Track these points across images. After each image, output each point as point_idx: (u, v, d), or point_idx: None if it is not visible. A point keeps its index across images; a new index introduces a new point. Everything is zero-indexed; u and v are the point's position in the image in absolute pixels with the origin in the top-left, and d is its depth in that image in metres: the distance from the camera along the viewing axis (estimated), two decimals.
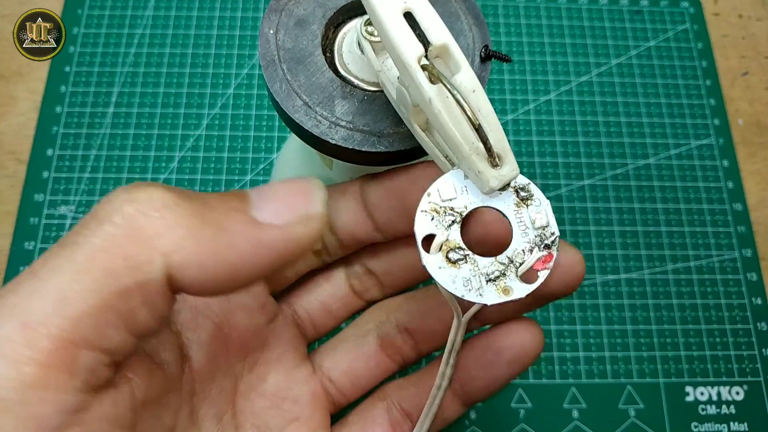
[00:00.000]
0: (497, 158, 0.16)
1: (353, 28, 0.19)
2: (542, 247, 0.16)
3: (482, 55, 0.19)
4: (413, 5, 0.16)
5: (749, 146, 0.37)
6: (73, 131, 0.34)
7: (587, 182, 0.35)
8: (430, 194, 0.16)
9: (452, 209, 0.16)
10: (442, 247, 0.16)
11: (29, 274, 0.14)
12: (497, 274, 0.15)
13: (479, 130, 0.15)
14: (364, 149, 0.18)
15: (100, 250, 0.14)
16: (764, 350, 0.32)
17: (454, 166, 0.17)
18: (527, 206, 0.16)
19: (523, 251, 0.16)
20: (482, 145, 0.15)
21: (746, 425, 0.31)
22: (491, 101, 0.16)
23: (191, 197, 0.15)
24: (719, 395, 0.31)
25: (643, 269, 0.34)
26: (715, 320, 0.33)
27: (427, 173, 0.18)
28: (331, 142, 0.18)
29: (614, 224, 0.35)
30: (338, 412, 0.22)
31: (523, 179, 0.16)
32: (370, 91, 0.19)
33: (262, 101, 0.36)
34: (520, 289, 0.15)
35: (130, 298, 0.14)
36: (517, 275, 0.16)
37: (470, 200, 0.16)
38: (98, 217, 0.14)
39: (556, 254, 0.16)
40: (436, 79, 0.15)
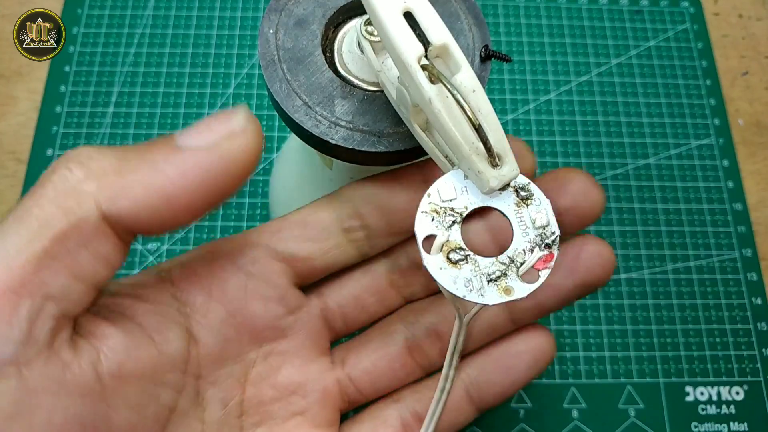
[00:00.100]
0: (497, 158, 0.16)
1: (353, 27, 0.19)
2: (543, 246, 0.16)
3: (482, 55, 0.19)
4: (413, 5, 0.16)
5: (749, 146, 0.37)
6: (73, 131, 0.34)
7: None
8: (430, 195, 0.16)
9: (452, 210, 0.16)
10: (442, 247, 0.16)
11: None
12: (498, 274, 0.15)
13: (479, 130, 0.15)
14: (363, 149, 0.18)
15: (33, 205, 0.14)
16: (764, 350, 0.32)
17: (454, 166, 0.17)
18: (527, 206, 0.16)
19: (523, 251, 0.16)
20: (482, 145, 0.15)
21: (746, 425, 0.31)
22: (491, 101, 0.16)
23: (117, 147, 0.16)
24: (719, 395, 0.31)
25: (643, 269, 0.34)
26: (715, 320, 0.33)
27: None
28: (330, 142, 0.18)
29: (614, 224, 0.35)
30: (353, 409, 0.22)
31: (522, 179, 0.16)
32: (370, 91, 0.19)
33: (262, 101, 0.36)
34: (521, 288, 0.15)
35: (67, 241, 0.14)
36: (518, 275, 0.16)
37: (470, 200, 0.16)
38: (37, 182, 0.15)
39: (556, 253, 0.16)
40: (436, 79, 0.15)
